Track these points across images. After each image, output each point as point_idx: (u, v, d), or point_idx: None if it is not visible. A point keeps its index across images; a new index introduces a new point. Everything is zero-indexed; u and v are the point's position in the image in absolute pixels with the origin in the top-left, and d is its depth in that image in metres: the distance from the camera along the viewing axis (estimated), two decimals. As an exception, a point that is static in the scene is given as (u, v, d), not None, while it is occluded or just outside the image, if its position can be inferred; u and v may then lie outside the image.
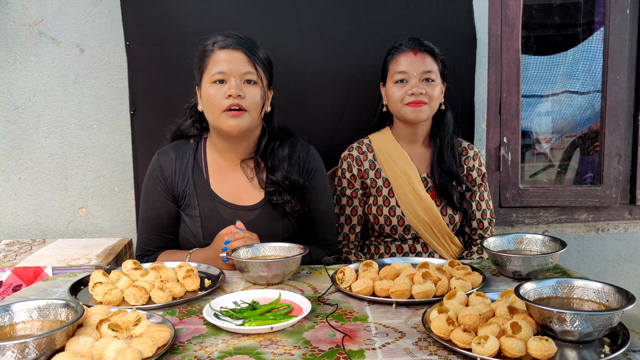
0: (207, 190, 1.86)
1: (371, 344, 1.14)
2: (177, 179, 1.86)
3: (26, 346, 1.00)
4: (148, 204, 1.88)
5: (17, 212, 2.57)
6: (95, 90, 2.51)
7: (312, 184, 1.92)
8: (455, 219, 2.10)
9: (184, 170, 1.87)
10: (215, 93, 1.73)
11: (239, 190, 1.87)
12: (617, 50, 2.63)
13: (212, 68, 1.75)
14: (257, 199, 1.87)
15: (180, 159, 1.88)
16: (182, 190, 1.86)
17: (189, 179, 1.86)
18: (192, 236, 1.85)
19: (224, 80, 1.74)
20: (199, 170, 1.88)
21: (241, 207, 1.85)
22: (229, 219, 1.81)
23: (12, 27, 2.45)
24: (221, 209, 1.84)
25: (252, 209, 1.86)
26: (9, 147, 2.53)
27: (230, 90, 1.71)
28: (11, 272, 2.00)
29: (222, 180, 1.88)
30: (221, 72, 1.73)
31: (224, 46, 1.76)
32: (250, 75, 1.75)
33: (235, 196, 1.86)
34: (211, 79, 1.75)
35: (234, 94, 1.71)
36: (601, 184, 2.72)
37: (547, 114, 3.15)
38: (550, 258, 1.49)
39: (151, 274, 1.51)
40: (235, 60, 1.74)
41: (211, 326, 1.24)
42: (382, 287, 1.40)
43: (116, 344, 1.03)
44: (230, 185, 1.87)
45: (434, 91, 2.01)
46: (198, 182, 1.86)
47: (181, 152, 1.90)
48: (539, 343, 1.03)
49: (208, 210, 1.84)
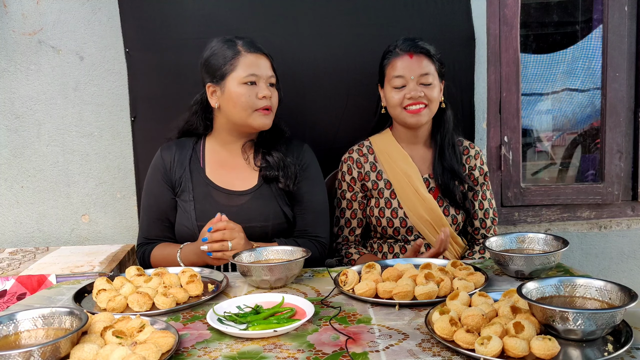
0: (202, 177, 1.98)
1: (375, 346, 1.14)
2: (175, 168, 1.98)
3: (31, 355, 1.00)
4: (148, 192, 2.02)
5: (20, 220, 2.57)
6: (95, 98, 2.52)
7: (305, 175, 2.00)
8: (458, 219, 2.10)
9: (182, 160, 2.00)
10: (248, 93, 1.87)
11: (234, 177, 1.98)
12: (616, 48, 2.63)
13: (243, 69, 1.88)
14: (250, 184, 1.97)
15: (180, 151, 2.02)
16: (179, 177, 1.98)
17: (186, 167, 1.99)
18: (186, 220, 1.92)
19: (254, 82, 1.89)
20: (196, 160, 2.01)
21: (234, 192, 1.95)
22: (221, 202, 1.93)
23: (12, 36, 2.46)
24: (215, 193, 1.95)
25: (244, 194, 1.95)
26: (11, 156, 2.53)
27: (264, 92, 1.88)
28: (15, 280, 2.01)
29: (218, 169, 2.00)
30: (254, 74, 1.88)
31: (253, 50, 1.91)
32: (273, 79, 1.94)
33: (229, 182, 1.97)
34: (243, 79, 1.87)
35: (267, 95, 1.88)
36: (603, 181, 2.72)
37: (548, 112, 3.15)
38: (552, 257, 1.49)
39: (154, 280, 1.51)
40: (264, 65, 1.91)
41: (215, 331, 1.25)
42: (385, 288, 1.40)
43: (120, 351, 1.03)
44: (226, 173, 1.99)
45: (432, 93, 2.00)
46: (194, 170, 1.99)
47: (181, 145, 2.04)
48: (542, 342, 1.03)
49: (202, 194, 1.95)
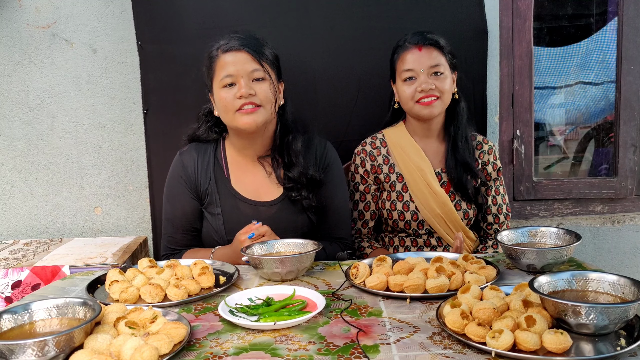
0: (228, 188, 1.89)
1: (386, 338, 1.14)
2: (200, 177, 1.90)
3: (46, 344, 1.02)
4: (173, 203, 1.91)
5: (35, 212, 2.60)
6: (108, 90, 2.53)
7: (327, 178, 1.94)
8: (470, 213, 2.09)
9: (205, 168, 1.91)
10: (227, 96, 1.78)
11: (259, 186, 1.91)
12: (631, 40, 2.60)
13: (219, 73, 1.80)
14: (276, 194, 1.90)
15: (201, 157, 1.92)
16: (205, 189, 1.89)
17: (211, 177, 1.90)
18: (215, 233, 1.88)
19: (233, 83, 1.78)
20: (219, 168, 1.92)
21: (261, 203, 1.89)
22: (249, 214, 1.84)
23: (26, 29, 2.48)
24: (242, 205, 1.88)
25: (271, 205, 1.89)
26: (25, 148, 2.56)
27: (240, 91, 1.76)
28: (30, 271, 2.03)
29: (242, 178, 1.91)
30: (229, 75, 1.78)
31: (227, 49, 1.80)
32: (257, 72, 1.79)
33: (255, 193, 1.90)
34: (221, 83, 1.79)
35: (244, 94, 1.75)
36: (616, 175, 2.70)
37: (561, 106, 3.12)
38: (564, 251, 1.49)
39: (166, 271, 1.52)
40: (241, 61, 1.78)
41: (227, 322, 1.25)
42: (396, 282, 1.40)
43: (133, 342, 1.04)
44: (250, 182, 1.91)
45: (444, 84, 1.99)
46: (219, 180, 1.90)
47: (202, 150, 1.94)
48: (554, 336, 1.02)
49: (229, 207, 1.88)
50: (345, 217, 2.02)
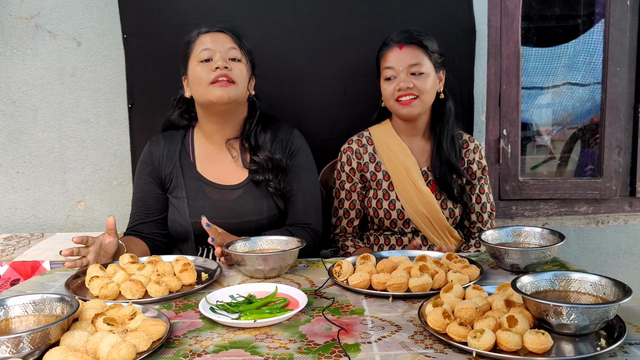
0: (194, 172, 1.93)
1: (367, 337, 1.13)
2: (164, 163, 1.94)
3: (20, 341, 1.00)
4: (136, 187, 2.00)
5: (16, 206, 2.56)
6: (92, 84, 2.50)
7: (294, 162, 1.96)
8: (455, 212, 2.09)
9: (171, 155, 1.95)
10: (202, 69, 1.81)
11: (224, 170, 1.94)
12: (617, 42, 2.61)
13: (197, 49, 1.84)
14: (241, 178, 1.93)
15: (168, 145, 1.97)
16: (169, 173, 1.94)
17: (176, 162, 1.94)
18: (180, 216, 1.90)
19: (210, 58, 1.82)
20: (185, 154, 1.96)
21: (226, 187, 1.92)
22: (214, 197, 1.90)
23: (8, 20, 2.44)
24: (207, 189, 1.91)
25: (236, 188, 1.92)
26: (7, 141, 2.52)
27: (217, 63, 1.79)
28: (9, 266, 2.00)
29: (208, 162, 1.95)
30: (206, 49, 1.82)
31: (207, 31, 1.87)
32: (235, 52, 1.84)
33: (220, 176, 1.93)
34: (198, 58, 1.83)
35: (220, 66, 1.78)
36: (601, 176, 2.71)
37: (548, 106, 3.13)
38: (548, 251, 1.49)
39: (148, 267, 1.50)
40: (220, 40, 1.84)
41: (207, 320, 1.24)
42: (379, 280, 1.39)
43: (110, 339, 1.02)
44: (215, 166, 1.94)
45: (424, 84, 1.97)
46: (185, 165, 1.94)
47: (170, 139, 1.99)
48: (535, 337, 1.02)
49: (194, 190, 1.91)
50: (315, 203, 2.01)
